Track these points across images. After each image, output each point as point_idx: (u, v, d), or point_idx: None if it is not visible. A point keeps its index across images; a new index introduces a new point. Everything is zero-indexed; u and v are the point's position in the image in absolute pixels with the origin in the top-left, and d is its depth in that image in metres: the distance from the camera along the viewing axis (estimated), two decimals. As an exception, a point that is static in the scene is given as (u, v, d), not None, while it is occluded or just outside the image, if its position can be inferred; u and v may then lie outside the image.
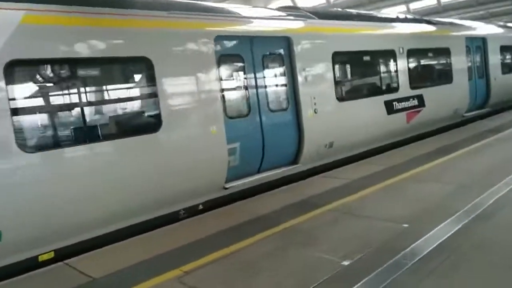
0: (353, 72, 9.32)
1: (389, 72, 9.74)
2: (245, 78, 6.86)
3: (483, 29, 13.66)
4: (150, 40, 5.66)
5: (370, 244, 4.19)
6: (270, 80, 7.24)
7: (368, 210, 5.30)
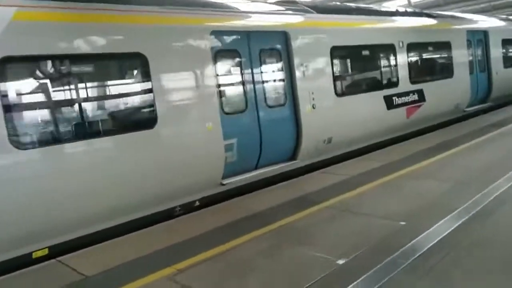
0: (352, 67, 9.19)
1: (388, 67, 9.61)
2: (242, 74, 6.77)
3: (484, 22, 13.50)
4: (144, 36, 5.60)
5: (367, 242, 4.12)
6: (267, 75, 7.16)
7: (366, 207, 5.24)
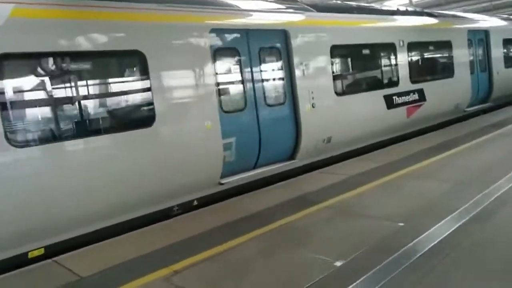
0: (352, 66, 9.14)
1: (389, 66, 9.56)
2: (241, 72, 6.72)
3: (485, 21, 13.43)
4: (143, 33, 5.54)
5: (366, 243, 4.07)
6: (267, 74, 7.10)
7: (365, 208, 5.19)
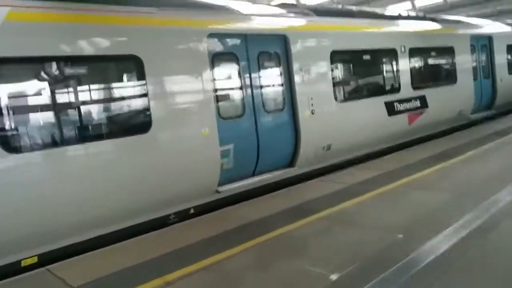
0: (352, 72, 9.04)
1: (390, 72, 9.45)
2: (240, 78, 6.65)
3: (489, 27, 13.31)
4: (140, 38, 5.49)
5: (362, 256, 3.97)
6: (265, 79, 7.02)
7: (364, 218, 5.09)
